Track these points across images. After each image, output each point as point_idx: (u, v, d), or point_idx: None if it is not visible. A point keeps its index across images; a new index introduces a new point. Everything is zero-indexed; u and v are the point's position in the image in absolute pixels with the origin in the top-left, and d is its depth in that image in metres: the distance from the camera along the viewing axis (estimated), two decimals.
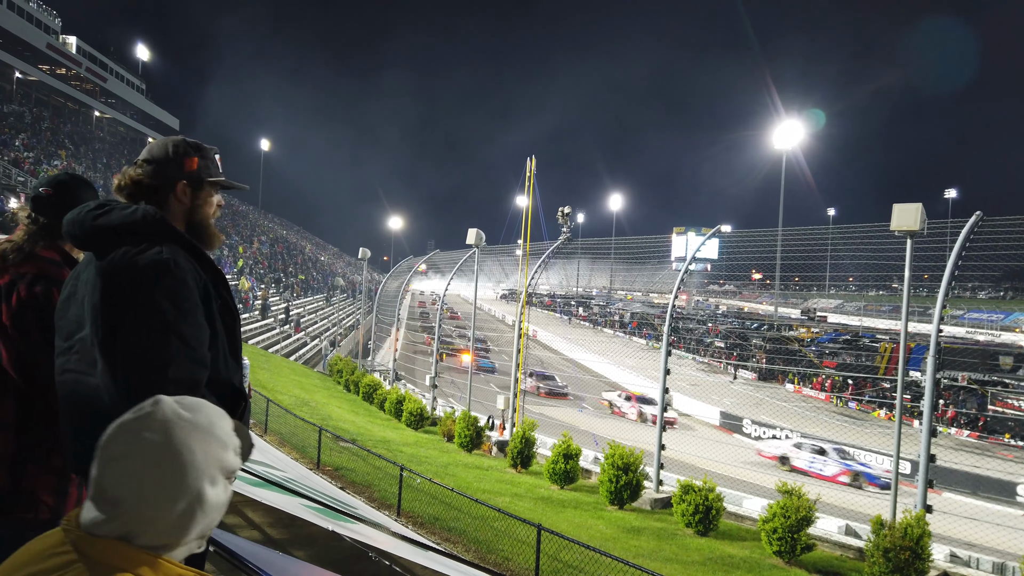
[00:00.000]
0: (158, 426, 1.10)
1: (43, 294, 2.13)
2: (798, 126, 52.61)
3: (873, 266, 30.20)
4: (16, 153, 35.45)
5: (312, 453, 12.96)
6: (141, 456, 1.08)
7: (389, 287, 36.14)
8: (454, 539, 9.64)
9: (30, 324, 2.10)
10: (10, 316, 2.11)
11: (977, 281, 43.52)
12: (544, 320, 51.39)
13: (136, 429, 1.10)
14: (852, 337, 39.20)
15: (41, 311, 2.10)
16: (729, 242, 26.80)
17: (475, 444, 17.67)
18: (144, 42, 75.51)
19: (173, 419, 1.12)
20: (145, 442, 1.09)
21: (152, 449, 1.08)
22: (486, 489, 12.88)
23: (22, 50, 50.78)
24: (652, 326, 47.08)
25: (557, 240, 19.91)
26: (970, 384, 29.42)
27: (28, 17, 51.14)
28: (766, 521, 10.52)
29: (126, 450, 1.08)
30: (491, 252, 30.21)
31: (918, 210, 10.39)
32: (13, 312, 2.11)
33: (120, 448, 1.09)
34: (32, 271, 2.18)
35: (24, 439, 2.11)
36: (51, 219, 2.28)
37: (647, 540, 10.98)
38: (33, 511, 2.10)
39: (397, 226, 70.47)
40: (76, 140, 51.25)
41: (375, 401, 24.33)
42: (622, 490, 12.81)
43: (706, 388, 34.24)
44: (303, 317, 44.79)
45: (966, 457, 21.17)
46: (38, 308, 2.11)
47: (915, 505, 9.94)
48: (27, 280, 2.15)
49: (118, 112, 68.96)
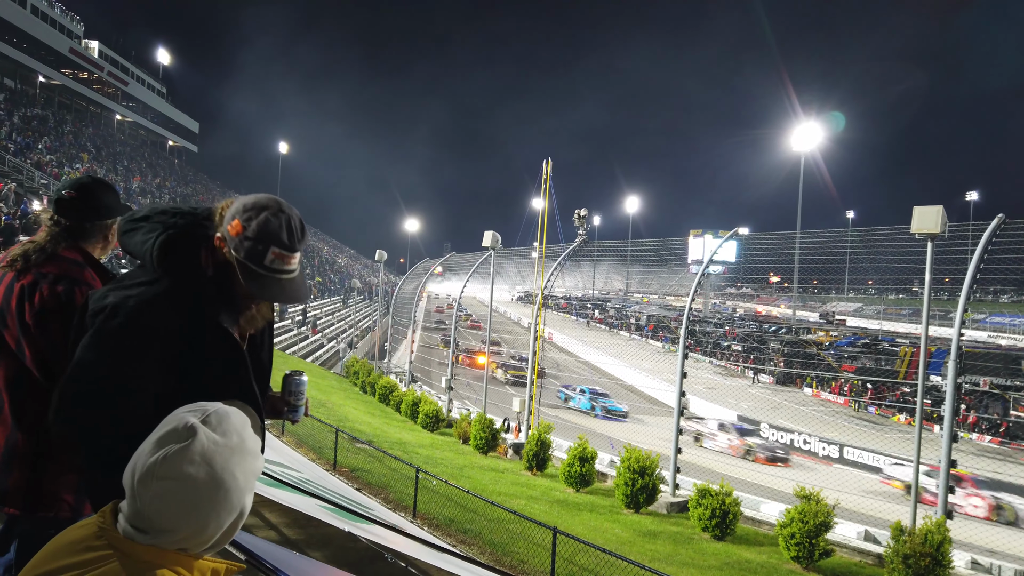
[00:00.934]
0: (199, 459, 1.12)
1: (65, 294, 2.15)
2: (817, 128, 52.25)
3: (893, 269, 29.88)
4: (39, 156, 35.98)
5: (329, 454, 13.02)
6: (189, 492, 1.11)
7: (405, 289, 36.27)
8: (469, 541, 9.65)
9: (52, 323, 2.12)
10: (33, 315, 2.13)
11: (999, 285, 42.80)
12: (560, 322, 51.32)
13: (178, 464, 1.11)
14: (871, 341, 38.74)
15: (63, 311, 2.12)
16: (747, 245, 26.58)
17: (491, 446, 17.67)
18: (165, 46, 76.44)
19: (211, 448, 1.14)
20: (190, 478, 1.10)
21: (199, 484, 1.11)
22: (501, 491, 12.88)
23: (46, 54, 51.55)
24: (669, 329, 46.87)
25: (573, 242, 19.89)
26: (992, 389, 29.01)
27: (52, 22, 51.90)
28: (784, 526, 10.44)
29: (173, 488, 1.10)
30: (507, 254, 30.24)
31: (939, 213, 10.28)
32: (35, 311, 2.13)
33: (166, 485, 1.10)
34: (54, 271, 2.20)
35: (47, 437, 2.14)
36: (73, 221, 2.31)
37: (663, 544, 10.92)
38: (54, 510, 2.13)
39: (414, 228, 70.76)
40: (98, 143, 51.92)
41: (391, 403, 24.41)
42: (638, 493, 12.76)
43: (723, 392, 34.00)
44: (320, 319, 45.07)
45: (988, 463, 20.87)
46: (60, 308, 2.13)
47: (935, 511, 9.82)
48: (49, 280, 2.17)
49: (139, 115, 69.78)
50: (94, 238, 2.36)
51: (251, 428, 1.24)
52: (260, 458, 1.22)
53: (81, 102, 59.91)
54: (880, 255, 26.46)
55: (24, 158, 33.45)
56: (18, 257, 2.21)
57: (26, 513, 2.13)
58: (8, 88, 48.09)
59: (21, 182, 30.11)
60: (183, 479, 1.10)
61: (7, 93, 45.85)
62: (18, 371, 2.15)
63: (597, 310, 57.49)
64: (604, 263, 51.00)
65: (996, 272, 12.35)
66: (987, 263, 10.62)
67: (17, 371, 2.15)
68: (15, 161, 31.41)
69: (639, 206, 79.53)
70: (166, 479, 1.10)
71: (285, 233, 1.75)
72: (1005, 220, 10.71)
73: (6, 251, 2.28)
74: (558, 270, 19.84)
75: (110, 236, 2.42)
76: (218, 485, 1.12)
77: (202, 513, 1.11)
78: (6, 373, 2.16)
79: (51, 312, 2.14)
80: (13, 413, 2.14)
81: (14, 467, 2.11)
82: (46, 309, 2.14)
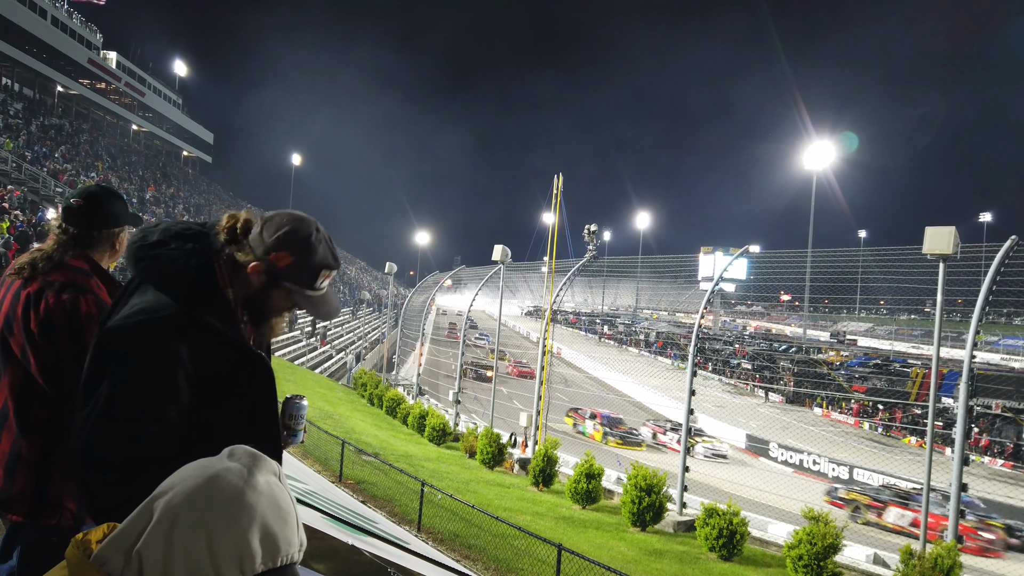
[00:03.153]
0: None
1: (71, 302, 2.16)
2: (830, 147, 52.21)
3: (905, 290, 29.68)
4: (55, 165, 36.37)
5: (335, 466, 13.01)
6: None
7: (415, 302, 36.32)
8: (474, 556, 9.59)
9: (58, 332, 2.14)
10: (38, 323, 2.14)
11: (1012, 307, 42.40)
12: (569, 338, 51.23)
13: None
14: (883, 361, 38.46)
15: (69, 319, 2.14)
16: (758, 262, 26.49)
17: (497, 461, 17.60)
18: (182, 57, 77.40)
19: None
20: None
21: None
22: (507, 507, 12.81)
23: (64, 64, 52.21)
24: (678, 346, 46.68)
25: (583, 257, 19.88)
26: (1004, 412, 28.70)
27: (71, 33, 52.61)
28: (792, 547, 10.32)
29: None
30: (516, 268, 30.26)
31: (951, 233, 10.22)
32: (41, 319, 2.15)
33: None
34: (61, 279, 2.22)
35: (51, 444, 2.15)
36: (81, 229, 2.33)
37: (669, 564, 10.82)
38: (57, 517, 2.13)
39: (424, 241, 70.99)
40: (113, 153, 52.48)
41: (398, 415, 24.37)
42: (644, 512, 12.66)
43: (732, 410, 33.80)
44: (329, 330, 45.17)
45: (1000, 487, 20.62)
46: (66, 316, 2.14)
47: (946, 535, 9.70)
48: (55, 288, 2.19)
49: (154, 126, 70.54)
50: (101, 246, 2.38)
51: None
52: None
53: (98, 112, 60.62)
54: (892, 275, 26.32)
55: (41, 166, 33.83)
56: (25, 265, 2.23)
57: (29, 520, 2.13)
58: (27, 97, 48.71)
59: (37, 190, 30.44)
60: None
61: (25, 102, 46.45)
62: (23, 379, 2.17)
63: (606, 326, 57.37)
64: (614, 279, 50.98)
65: (1009, 294, 12.23)
66: (1000, 284, 10.53)
67: (22, 379, 2.17)
68: (32, 170, 31.76)
69: (650, 222, 79.63)
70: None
71: (331, 255, 1.79)
72: (1018, 241, 10.63)
73: (14, 259, 2.30)
74: (567, 285, 19.83)
75: (117, 244, 2.44)
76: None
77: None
78: (11, 380, 2.18)
79: (56, 320, 2.15)
80: (18, 420, 2.15)
81: (18, 474, 2.12)
82: (51, 317, 2.15)
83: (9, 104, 41.50)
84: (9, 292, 2.22)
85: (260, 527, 0.96)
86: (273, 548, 0.97)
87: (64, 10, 51.73)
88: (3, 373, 2.20)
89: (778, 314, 71.75)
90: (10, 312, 2.19)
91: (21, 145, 34.64)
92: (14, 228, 21.03)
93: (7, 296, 2.23)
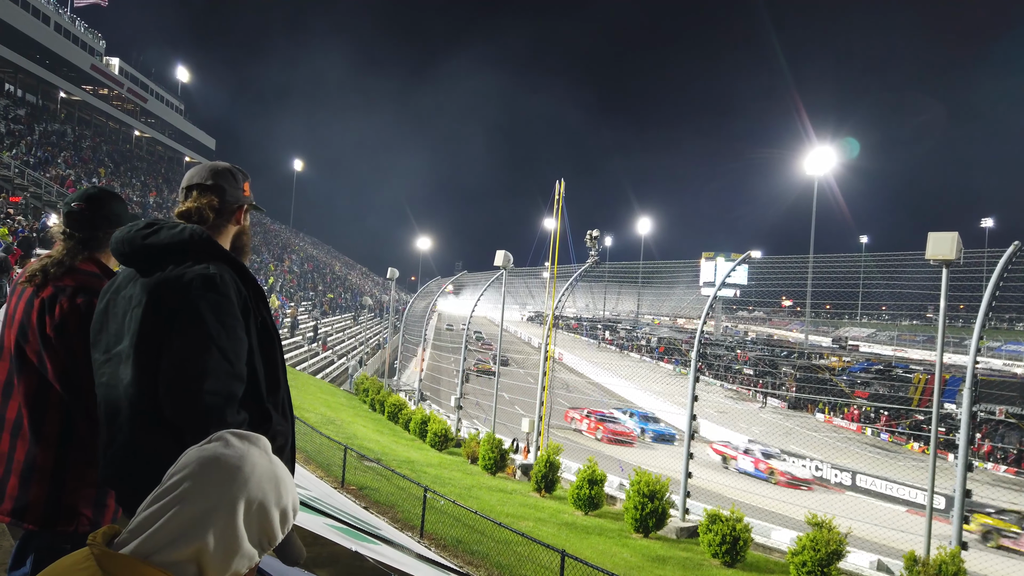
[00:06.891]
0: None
1: (85, 306, 2.16)
2: (831, 152, 52.24)
3: (907, 295, 29.69)
4: (58, 171, 36.43)
5: (337, 472, 12.99)
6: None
7: (416, 307, 36.31)
8: (477, 562, 9.57)
9: (74, 336, 2.13)
10: (54, 328, 2.15)
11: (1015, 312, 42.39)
12: (570, 343, 51.21)
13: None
14: (885, 367, 38.41)
15: (84, 323, 2.13)
16: (759, 268, 26.49)
17: (499, 467, 17.57)
18: (184, 63, 77.50)
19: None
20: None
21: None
22: (509, 513, 12.78)
23: (67, 71, 52.28)
24: (680, 351, 46.66)
25: (585, 263, 19.88)
26: (1008, 418, 28.62)
27: (74, 39, 52.71)
28: (795, 554, 10.29)
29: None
30: (518, 274, 30.25)
31: (954, 239, 10.22)
32: (56, 324, 2.15)
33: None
34: (73, 284, 2.22)
35: (65, 452, 2.14)
36: (86, 233, 2.34)
37: (672, 570, 10.79)
38: (73, 524, 2.12)
39: (426, 247, 70.96)
40: (116, 159, 52.53)
41: (400, 421, 24.34)
42: (647, 518, 12.62)
43: (734, 416, 33.76)
44: (330, 335, 45.15)
45: (1003, 493, 20.57)
46: (81, 320, 2.14)
47: (950, 541, 9.66)
48: (69, 293, 2.19)
49: (157, 132, 70.58)
50: (107, 247, 2.38)
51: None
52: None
53: (100, 118, 60.69)
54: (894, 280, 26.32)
55: (43, 172, 33.88)
56: (37, 272, 2.23)
57: (44, 528, 2.13)
58: (29, 103, 48.80)
59: (39, 196, 30.49)
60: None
61: (28, 108, 46.54)
62: (39, 385, 2.16)
63: (608, 331, 57.36)
64: (615, 284, 50.96)
65: (1012, 299, 12.22)
66: (1003, 290, 10.51)
67: (38, 385, 2.16)
68: (34, 175, 31.81)
69: (651, 227, 79.61)
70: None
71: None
72: (1021, 247, 10.62)
73: (24, 266, 2.31)
74: (569, 290, 19.83)
75: None
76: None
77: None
78: (26, 389, 2.17)
79: (71, 324, 2.15)
80: (32, 428, 2.14)
81: (33, 482, 2.12)
82: (66, 322, 2.15)
83: (12, 110, 41.58)
84: (22, 300, 2.22)
85: (276, 502, 1.14)
86: (286, 520, 1.16)
87: (67, 16, 51.87)
88: (18, 382, 2.19)
89: (780, 319, 71.77)
90: (24, 319, 2.19)
91: (23, 150, 34.70)
92: (15, 235, 21.05)
93: (20, 304, 2.23)
